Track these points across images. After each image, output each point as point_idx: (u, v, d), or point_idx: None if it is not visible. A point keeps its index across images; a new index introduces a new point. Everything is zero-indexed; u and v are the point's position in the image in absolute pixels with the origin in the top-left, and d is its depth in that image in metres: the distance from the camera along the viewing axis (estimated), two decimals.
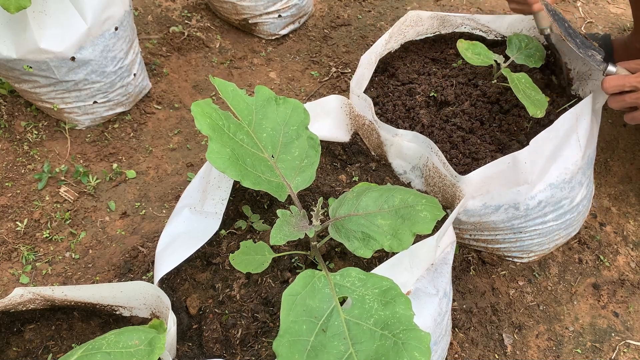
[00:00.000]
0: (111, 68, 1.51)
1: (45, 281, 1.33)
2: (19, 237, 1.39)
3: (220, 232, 1.07)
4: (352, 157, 1.26)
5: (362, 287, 0.79)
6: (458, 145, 1.23)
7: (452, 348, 1.23)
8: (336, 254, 1.02)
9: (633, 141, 1.65)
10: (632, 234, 1.46)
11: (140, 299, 0.93)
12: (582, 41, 1.18)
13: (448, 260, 1.04)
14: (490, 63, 1.30)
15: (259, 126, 0.99)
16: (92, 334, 0.95)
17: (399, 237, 0.83)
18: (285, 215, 0.90)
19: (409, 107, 1.31)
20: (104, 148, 1.59)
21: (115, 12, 1.46)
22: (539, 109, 1.18)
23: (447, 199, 1.13)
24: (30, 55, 1.36)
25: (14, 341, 0.93)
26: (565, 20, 1.21)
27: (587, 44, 1.18)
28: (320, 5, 2.14)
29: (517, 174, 1.10)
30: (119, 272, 1.34)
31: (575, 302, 1.33)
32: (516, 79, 1.22)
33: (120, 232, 1.43)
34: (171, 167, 1.58)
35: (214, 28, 2.00)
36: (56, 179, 1.51)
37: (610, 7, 2.18)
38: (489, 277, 1.36)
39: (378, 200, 0.88)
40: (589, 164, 1.27)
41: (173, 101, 1.75)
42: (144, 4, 2.04)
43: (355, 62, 1.91)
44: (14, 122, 1.60)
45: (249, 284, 0.99)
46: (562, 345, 1.26)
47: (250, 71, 1.88)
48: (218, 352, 0.92)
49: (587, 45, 1.17)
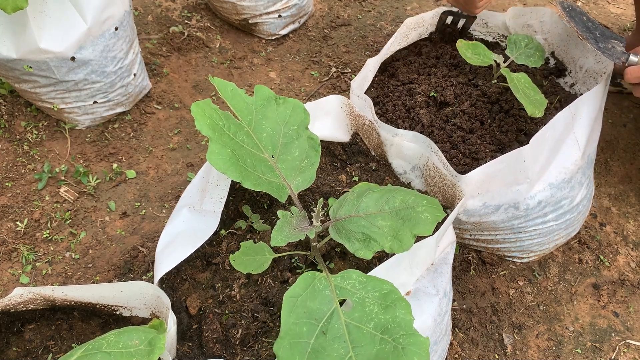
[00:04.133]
0: (111, 68, 1.51)
1: (45, 281, 1.33)
2: (19, 237, 1.39)
3: (220, 232, 1.07)
4: (352, 157, 1.26)
5: (363, 289, 0.79)
6: (458, 145, 1.23)
7: (452, 348, 1.23)
8: (336, 254, 1.02)
9: (633, 141, 1.65)
10: (632, 234, 1.46)
11: (140, 299, 0.93)
12: (602, 32, 1.16)
13: (448, 260, 1.04)
14: (490, 63, 1.30)
15: (259, 126, 0.99)
16: (92, 334, 0.95)
17: (399, 238, 0.83)
18: (286, 216, 0.90)
19: (409, 107, 1.31)
20: (104, 148, 1.59)
21: (115, 12, 1.46)
22: (537, 108, 1.18)
23: (447, 198, 1.13)
24: (30, 55, 1.36)
25: (14, 341, 0.93)
26: (583, 13, 1.19)
27: (607, 34, 1.16)
28: (320, 5, 2.14)
29: (516, 172, 1.10)
30: (119, 272, 1.34)
31: (575, 302, 1.33)
32: (515, 79, 1.22)
33: (120, 232, 1.43)
34: (171, 167, 1.58)
35: (214, 28, 1.99)
36: (56, 179, 1.51)
37: (610, 7, 2.18)
38: (489, 277, 1.36)
39: (379, 201, 0.88)
40: (589, 164, 1.27)
41: (173, 101, 1.75)
42: (144, 4, 2.04)
43: (356, 62, 1.91)
44: (14, 122, 1.60)
45: (249, 284, 0.99)
46: (562, 345, 1.26)
47: (250, 71, 1.88)
48: (218, 352, 0.92)
49: (607, 35, 1.16)
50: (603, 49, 1.13)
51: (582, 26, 1.16)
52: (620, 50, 1.13)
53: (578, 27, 1.15)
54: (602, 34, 1.16)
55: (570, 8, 1.19)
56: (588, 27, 1.16)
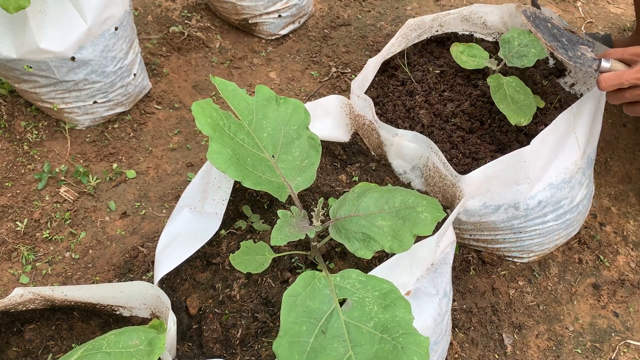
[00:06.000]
0: (111, 68, 1.51)
1: (45, 281, 1.33)
2: (19, 237, 1.39)
3: (220, 232, 1.07)
4: (352, 157, 1.26)
5: (362, 289, 0.79)
6: (458, 145, 1.23)
7: (452, 348, 1.23)
8: (336, 254, 1.02)
9: (633, 141, 1.65)
10: (632, 234, 1.46)
11: (140, 299, 0.93)
12: (569, 39, 1.09)
13: (448, 260, 1.04)
14: (485, 65, 1.29)
15: (260, 126, 0.99)
16: (92, 334, 0.95)
17: (399, 238, 0.83)
18: (286, 215, 0.90)
19: (409, 107, 1.32)
20: (104, 148, 1.59)
21: (115, 12, 1.46)
22: (523, 116, 1.14)
23: (447, 198, 1.13)
24: (30, 55, 1.36)
25: (14, 341, 0.93)
26: (547, 20, 1.12)
27: (574, 40, 1.08)
28: (320, 5, 2.14)
29: (517, 173, 1.10)
30: (119, 272, 1.34)
31: (575, 302, 1.33)
32: (505, 83, 1.19)
33: (120, 232, 1.43)
34: (171, 167, 1.58)
35: (214, 28, 2.00)
36: (56, 179, 1.51)
37: (610, 7, 2.18)
38: (489, 277, 1.36)
39: (379, 201, 0.88)
40: (589, 164, 1.27)
41: (173, 101, 1.75)
42: (144, 4, 2.04)
43: (356, 62, 1.91)
44: (14, 122, 1.60)
45: (249, 284, 0.99)
46: (562, 345, 1.26)
47: (250, 71, 1.88)
48: (218, 352, 0.92)
49: (574, 41, 1.08)
50: (573, 57, 1.04)
51: (548, 34, 1.07)
52: (590, 57, 1.04)
53: (545, 37, 1.06)
54: (569, 40, 1.08)
55: (534, 16, 1.10)
56: (554, 35, 1.08)
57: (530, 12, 1.12)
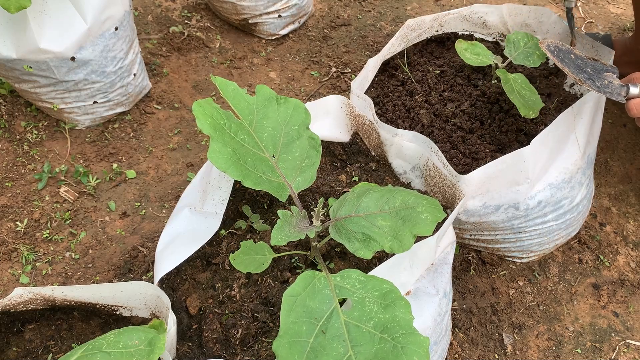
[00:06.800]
0: (111, 68, 1.51)
1: (45, 281, 1.33)
2: (19, 237, 1.39)
3: (220, 232, 1.07)
4: (352, 157, 1.26)
5: (362, 289, 0.79)
6: (458, 145, 1.23)
7: (452, 348, 1.23)
8: (336, 254, 1.02)
9: (633, 141, 1.65)
10: (632, 234, 1.46)
11: (140, 299, 0.93)
12: (593, 67, 1.10)
13: (448, 260, 1.04)
14: (489, 63, 1.29)
15: (260, 126, 0.99)
16: (92, 334, 0.95)
17: (399, 238, 0.83)
18: (286, 215, 0.90)
19: (409, 107, 1.32)
20: (104, 148, 1.59)
21: (115, 12, 1.46)
22: (531, 109, 1.17)
23: (447, 199, 1.13)
24: (30, 55, 1.36)
25: (14, 341, 0.93)
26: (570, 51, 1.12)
27: (599, 68, 1.10)
28: (320, 5, 2.14)
29: (517, 173, 1.10)
30: (119, 272, 1.34)
31: (575, 302, 1.33)
32: (512, 79, 1.21)
33: (120, 232, 1.43)
34: (171, 167, 1.58)
35: (214, 28, 2.00)
36: (56, 179, 1.51)
37: (610, 7, 2.18)
38: (489, 277, 1.36)
39: (379, 201, 0.88)
40: (589, 164, 1.27)
41: (173, 101, 1.75)
42: (144, 4, 2.04)
43: (356, 62, 1.91)
44: (14, 122, 1.60)
45: (249, 284, 0.99)
46: (562, 345, 1.26)
47: (250, 71, 1.88)
48: (218, 352, 0.92)
49: (598, 69, 1.09)
50: (602, 87, 1.05)
51: (574, 67, 1.08)
52: (617, 85, 1.05)
53: (572, 70, 1.07)
54: (594, 69, 1.08)
55: (557, 50, 1.11)
56: (579, 66, 1.08)
57: (553, 46, 1.12)
